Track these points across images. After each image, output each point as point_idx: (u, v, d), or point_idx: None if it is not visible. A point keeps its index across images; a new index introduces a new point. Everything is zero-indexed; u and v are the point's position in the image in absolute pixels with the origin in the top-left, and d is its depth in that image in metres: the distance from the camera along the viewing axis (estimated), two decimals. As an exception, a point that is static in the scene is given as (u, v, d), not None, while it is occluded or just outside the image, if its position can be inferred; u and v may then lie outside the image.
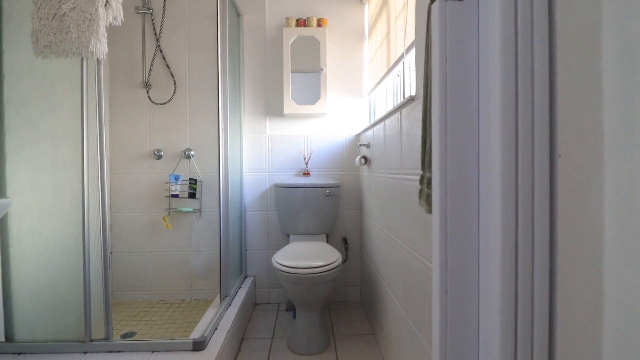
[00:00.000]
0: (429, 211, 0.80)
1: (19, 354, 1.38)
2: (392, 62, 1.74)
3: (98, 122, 1.43)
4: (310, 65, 2.28)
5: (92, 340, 1.42)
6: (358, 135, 2.36)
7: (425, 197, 0.82)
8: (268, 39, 2.35)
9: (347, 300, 2.40)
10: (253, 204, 2.37)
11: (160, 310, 2.26)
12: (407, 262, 1.29)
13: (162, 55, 2.32)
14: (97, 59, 1.40)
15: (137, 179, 2.37)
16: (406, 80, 1.69)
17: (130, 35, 2.32)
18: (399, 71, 1.76)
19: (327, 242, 2.29)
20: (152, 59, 2.31)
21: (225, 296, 1.94)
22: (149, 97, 2.32)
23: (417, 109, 1.17)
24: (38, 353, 1.38)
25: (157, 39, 2.30)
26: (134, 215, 2.38)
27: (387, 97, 2.00)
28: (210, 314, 1.76)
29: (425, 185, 0.87)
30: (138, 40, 2.32)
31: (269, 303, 2.39)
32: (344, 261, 2.29)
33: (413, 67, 1.55)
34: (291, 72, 2.27)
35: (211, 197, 2.36)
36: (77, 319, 1.43)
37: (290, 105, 2.27)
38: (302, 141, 2.37)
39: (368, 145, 2.05)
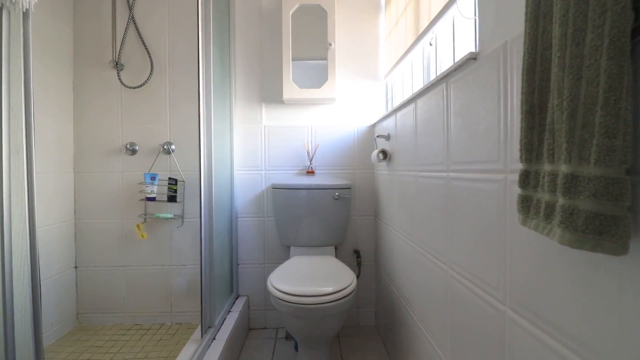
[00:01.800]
0: (569, 242, 0.40)
1: None
2: (423, 26, 1.33)
3: (25, 101, 1.03)
4: (316, 42, 1.87)
5: (12, 405, 1.01)
6: (373, 125, 1.95)
7: (561, 213, 0.41)
8: (264, 10, 1.95)
9: (359, 324, 1.99)
10: (246, 208, 1.97)
11: (133, 338, 1.86)
12: (459, 298, 0.89)
13: (137, 29, 1.92)
14: (23, 11, 1.01)
15: (106, 179, 1.97)
16: (444, 48, 1.29)
17: (97, 4, 1.92)
18: (432, 39, 1.36)
19: (336, 255, 1.89)
20: (124, 33, 1.91)
21: (209, 327, 1.53)
22: (120, 79, 1.92)
23: (485, 70, 0.77)
24: None
25: (131, 9, 1.90)
26: (102, 222, 1.98)
27: (413, 74, 1.59)
28: (187, 353, 1.36)
29: (544, 190, 0.47)
30: (107, 9, 1.92)
31: (265, 328, 1.98)
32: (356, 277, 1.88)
33: (454, 27, 1.15)
34: (292, 59, 1.87)
35: (196, 200, 1.95)
36: (-4, 371, 1.03)
37: (290, 89, 1.86)
38: (306, 133, 1.97)
39: (388, 137, 1.64)
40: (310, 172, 1.93)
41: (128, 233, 1.98)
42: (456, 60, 0.99)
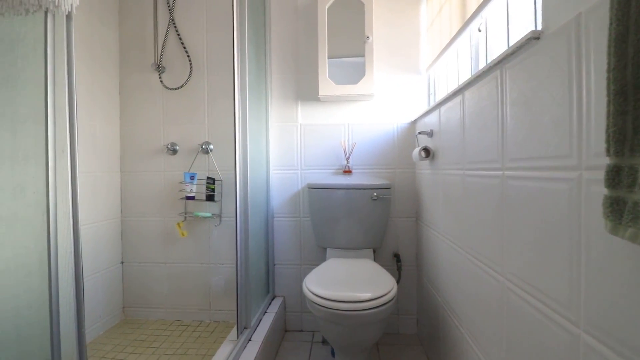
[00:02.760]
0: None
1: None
2: (470, 11, 1.21)
3: (68, 100, 1.06)
4: (352, 38, 1.80)
5: (58, 395, 1.05)
6: (414, 121, 1.84)
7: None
8: (300, 5, 1.91)
9: (399, 332, 1.89)
10: (282, 208, 1.94)
11: (174, 334, 1.90)
12: (518, 313, 0.78)
13: (177, 31, 1.97)
14: (66, 14, 1.04)
15: (149, 178, 2.04)
16: (495, 35, 1.16)
17: (140, 9, 1.99)
18: (481, 24, 1.24)
19: (375, 259, 1.80)
20: (165, 36, 1.96)
21: (245, 328, 1.52)
22: (161, 81, 1.98)
23: (551, 51, 0.66)
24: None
25: (171, 11, 1.95)
26: (146, 220, 2.05)
27: (459, 65, 1.47)
28: (222, 353, 1.35)
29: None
30: (149, 13, 1.98)
31: (301, 331, 1.94)
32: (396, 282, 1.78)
33: (507, 8, 1.02)
34: (329, 57, 1.81)
35: (233, 199, 1.96)
36: (44, 362, 1.07)
37: (327, 86, 1.81)
38: (342, 131, 1.90)
39: (430, 134, 1.53)
40: (347, 172, 1.86)
41: (169, 231, 2.03)
42: (511, 44, 0.87)
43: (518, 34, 0.99)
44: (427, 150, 1.51)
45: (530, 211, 0.73)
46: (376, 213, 1.72)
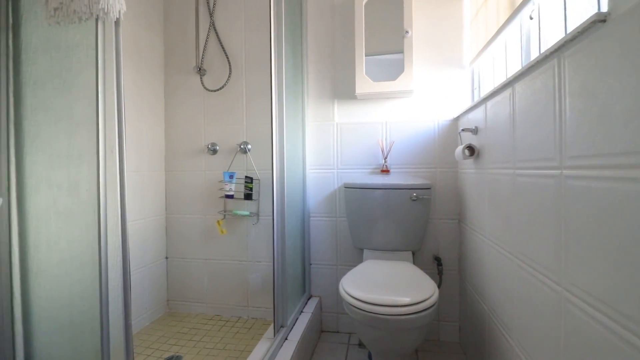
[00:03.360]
0: None
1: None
2: (523, -3, 1.12)
3: (117, 102, 1.11)
4: (390, 34, 1.75)
5: (107, 381, 1.10)
6: (457, 118, 1.75)
7: None
8: (336, 3, 1.89)
9: (440, 339, 1.80)
10: (318, 208, 1.93)
11: (214, 329, 1.96)
12: (580, 330, 0.70)
13: (216, 34, 2.02)
14: (114, 20, 1.09)
15: (191, 177, 2.12)
16: (548, 22, 1.06)
17: (183, 14, 2.07)
18: (533, 11, 1.14)
19: (414, 262, 1.73)
20: (206, 39, 2.03)
21: (281, 327, 1.53)
22: (202, 84, 2.04)
23: (620, 34, 0.58)
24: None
25: (211, 15, 2.00)
26: (188, 217, 2.13)
27: (507, 57, 1.37)
28: (259, 351, 1.36)
29: None
30: (192, 18, 2.05)
31: (337, 332, 1.92)
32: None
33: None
34: (365, 55, 1.78)
35: (270, 198, 1.98)
36: (94, 350, 1.14)
37: (364, 83, 1.77)
38: (380, 129, 1.85)
39: (475, 131, 1.44)
40: (385, 171, 1.81)
41: (210, 228, 2.10)
42: (569, 30, 0.78)
43: (576, 20, 0.90)
44: (471, 149, 1.42)
45: (594, 215, 0.65)
46: (415, 214, 1.66)
